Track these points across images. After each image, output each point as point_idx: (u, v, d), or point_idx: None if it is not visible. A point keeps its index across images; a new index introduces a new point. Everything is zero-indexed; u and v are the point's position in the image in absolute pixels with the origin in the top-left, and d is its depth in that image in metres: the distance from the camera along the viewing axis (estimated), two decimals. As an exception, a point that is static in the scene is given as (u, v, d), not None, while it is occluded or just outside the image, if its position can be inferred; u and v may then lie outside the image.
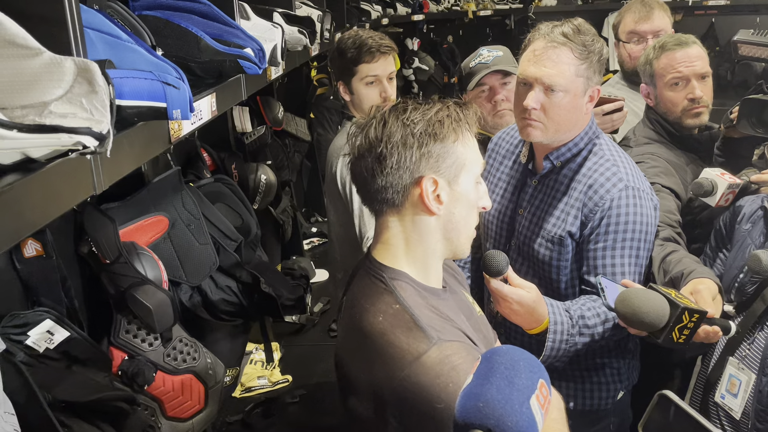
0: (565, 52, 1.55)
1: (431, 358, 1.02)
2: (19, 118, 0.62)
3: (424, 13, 5.03)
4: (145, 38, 1.06)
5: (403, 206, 1.13)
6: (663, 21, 2.50)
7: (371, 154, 1.11)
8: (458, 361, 1.01)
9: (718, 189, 1.71)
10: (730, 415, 1.51)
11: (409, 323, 1.06)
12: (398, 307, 1.09)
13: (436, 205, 1.12)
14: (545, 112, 1.57)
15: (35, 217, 0.65)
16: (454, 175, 1.12)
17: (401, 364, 1.03)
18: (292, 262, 2.82)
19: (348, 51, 2.08)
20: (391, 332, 1.06)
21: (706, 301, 1.39)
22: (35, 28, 0.67)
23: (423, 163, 1.10)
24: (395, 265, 1.15)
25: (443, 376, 1.00)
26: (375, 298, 1.12)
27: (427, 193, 1.11)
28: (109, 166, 0.78)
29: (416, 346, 1.03)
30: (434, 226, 1.15)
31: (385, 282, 1.13)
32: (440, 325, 1.09)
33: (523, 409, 0.77)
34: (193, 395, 1.47)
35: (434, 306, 1.13)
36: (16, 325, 1.14)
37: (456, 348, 1.04)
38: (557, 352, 1.50)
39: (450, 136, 1.11)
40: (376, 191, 1.13)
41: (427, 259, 1.17)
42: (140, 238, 1.50)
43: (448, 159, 1.11)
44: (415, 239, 1.15)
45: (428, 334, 1.05)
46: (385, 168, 1.10)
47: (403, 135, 1.09)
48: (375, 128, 1.11)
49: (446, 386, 0.99)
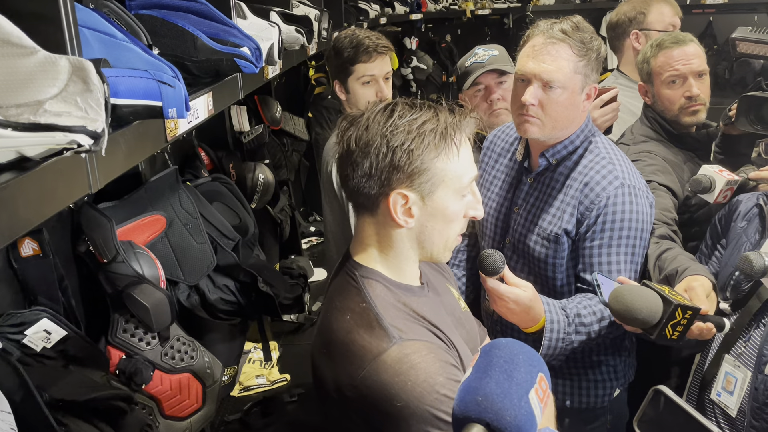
0: (564, 49, 1.55)
1: (391, 356, 1.02)
2: (14, 117, 0.62)
3: (422, 12, 5.04)
4: (141, 37, 1.06)
5: (376, 212, 1.12)
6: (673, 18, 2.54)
7: (349, 157, 1.09)
8: (417, 360, 1.02)
9: (716, 186, 1.72)
10: (726, 413, 1.51)
11: (373, 322, 1.07)
12: (364, 306, 1.09)
13: (404, 219, 1.09)
14: (543, 108, 1.57)
15: (30, 216, 0.65)
16: (429, 190, 1.08)
17: (362, 362, 1.04)
18: (291, 261, 2.82)
19: (345, 50, 2.08)
20: (355, 330, 1.07)
21: (700, 298, 1.39)
22: (30, 26, 0.67)
23: (394, 177, 1.06)
24: (368, 263, 1.15)
25: (402, 375, 1.00)
26: (345, 296, 1.13)
27: (395, 207, 1.08)
28: (104, 164, 0.78)
29: (377, 345, 1.04)
30: (406, 235, 1.13)
31: (356, 280, 1.13)
32: (405, 324, 1.09)
33: (522, 403, 0.77)
34: (191, 394, 1.47)
35: (406, 303, 1.12)
36: (12, 324, 1.14)
37: (417, 347, 1.04)
38: (554, 351, 1.51)
39: (429, 152, 1.06)
40: (350, 193, 1.13)
41: (400, 261, 1.16)
42: (137, 237, 1.50)
43: (423, 175, 1.07)
44: (387, 244, 1.14)
45: (390, 333, 1.05)
46: (356, 175, 1.08)
47: (378, 145, 1.05)
48: (358, 130, 1.08)
49: (404, 384, 0.99)
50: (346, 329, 1.08)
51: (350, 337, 1.07)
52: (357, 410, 1.06)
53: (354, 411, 1.06)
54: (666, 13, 2.53)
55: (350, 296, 1.12)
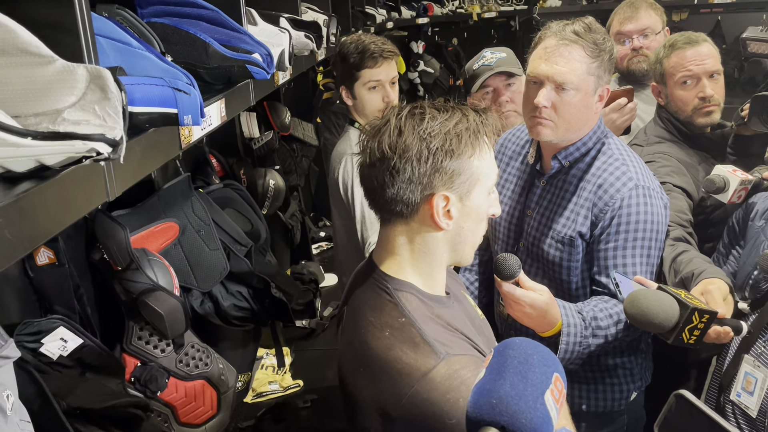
0: (577, 50, 1.54)
1: (440, 373, 1.00)
2: (33, 126, 0.62)
3: (428, 16, 5.04)
4: (154, 45, 1.07)
5: (412, 218, 1.10)
6: (650, 19, 2.49)
7: (383, 164, 1.06)
8: (467, 375, 0.99)
9: (730, 185, 1.70)
10: (747, 413, 1.49)
11: (416, 338, 1.04)
12: (404, 321, 1.06)
13: (445, 221, 1.09)
14: (556, 110, 1.56)
15: (50, 224, 0.65)
16: (467, 190, 1.08)
17: (409, 380, 1.01)
18: (302, 266, 2.82)
19: (350, 56, 2.08)
20: (398, 348, 1.04)
21: (716, 301, 1.38)
22: (47, 36, 0.68)
23: (436, 180, 1.06)
24: (400, 275, 1.13)
25: (453, 392, 0.98)
26: (380, 311, 1.10)
27: (437, 210, 1.07)
28: (121, 172, 0.78)
29: (424, 362, 1.01)
30: (442, 239, 1.12)
31: (390, 293, 1.10)
32: (447, 338, 1.07)
33: (538, 405, 0.76)
34: (206, 401, 1.47)
35: (439, 315, 1.11)
36: (29, 332, 1.15)
37: (465, 362, 1.02)
38: (571, 355, 1.49)
39: (467, 151, 1.06)
40: (386, 202, 1.09)
41: (433, 269, 1.14)
42: (151, 244, 1.50)
43: (463, 175, 1.07)
44: (422, 251, 1.12)
45: (436, 349, 1.02)
46: (396, 181, 1.06)
47: (419, 149, 1.04)
48: (390, 136, 1.06)
49: (456, 401, 0.97)
50: (387, 346, 1.05)
51: (393, 355, 1.04)
52: (401, 430, 1.03)
53: (398, 430, 1.03)
54: (614, 23, 2.54)
55: (386, 311, 1.09)
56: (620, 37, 2.49)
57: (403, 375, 1.02)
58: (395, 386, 1.02)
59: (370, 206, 1.15)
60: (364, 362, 1.09)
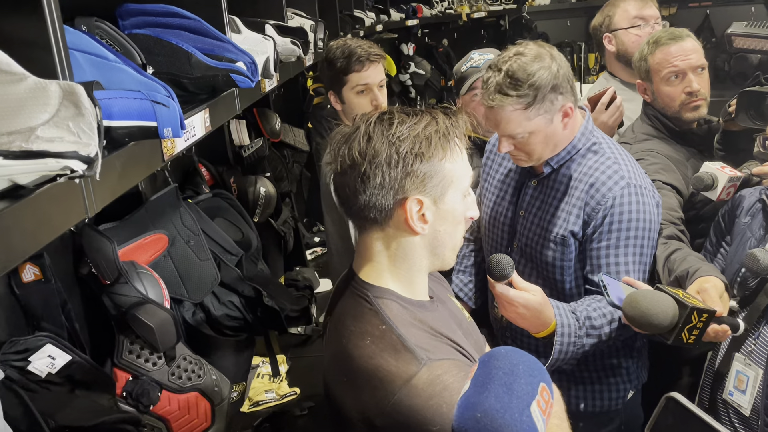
0: (508, 110, 1.52)
1: (422, 379, 0.98)
2: (6, 145, 0.61)
3: (418, 17, 5.03)
4: (135, 57, 1.06)
5: (387, 224, 1.09)
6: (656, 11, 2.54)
7: (354, 171, 1.05)
8: (450, 380, 0.98)
9: (719, 182, 1.70)
10: (740, 412, 1.49)
11: (397, 344, 1.03)
12: (385, 328, 1.05)
13: (420, 225, 1.07)
14: (521, 149, 1.59)
15: (26, 245, 0.64)
16: (441, 193, 1.07)
17: (392, 388, 0.99)
18: (296, 273, 2.81)
19: (337, 61, 2.07)
20: (379, 355, 1.03)
21: (713, 299, 1.37)
22: (19, 52, 0.67)
23: (408, 184, 1.04)
24: (380, 282, 1.11)
25: (436, 397, 0.96)
26: (360, 319, 1.08)
27: (411, 214, 1.06)
28: (100, 188, 0.77)
29: (405, 369, 1.00)
30: (419, 244, 1.11)
31: (370, 301, 1.09)
32: (429, 343, 1.05)
33: (523, 417, 0.75)
34: (200, 413, 1.46)
35: (422, 320, 1.09)
36: (16, 351, 1.13)
37: (447, 366, 1.00)
38: (565, 355, 1.49)
39: (437, 153, 1.05)
40: (359, 209, 1.08)
41: (412, 274, 1.13)
42: (140, 257, 1.49)
43: (435, 178, 1.06)
44: (399, 256, 1.11)
45: (417, 354, 1.01)
46: (368, 187, 1.05)
47: (389, 154, 1.03)
48: (359, 142, 1.05)
49: (440, 407, 0.95)
50: (368, 355, 1.04)
51: (375, 363, 1.03)
52: None
53: None
54: (630, 9, 2.52)
55: (366, 319, 1.08)
56: (638, 21, 2.49)
57: (386, 383, 1.00)
58: (378, 394, 1.01)
59: (345, 215, 1.14)
60: (346, 372, 1.07)
